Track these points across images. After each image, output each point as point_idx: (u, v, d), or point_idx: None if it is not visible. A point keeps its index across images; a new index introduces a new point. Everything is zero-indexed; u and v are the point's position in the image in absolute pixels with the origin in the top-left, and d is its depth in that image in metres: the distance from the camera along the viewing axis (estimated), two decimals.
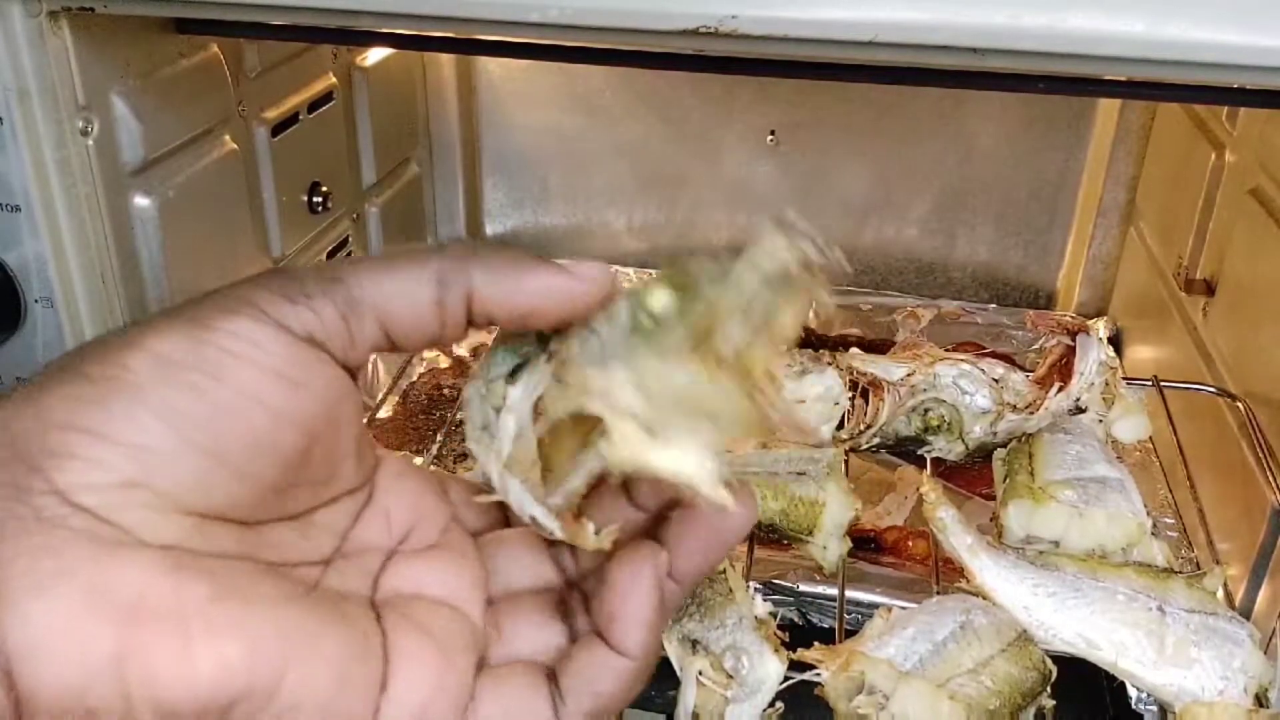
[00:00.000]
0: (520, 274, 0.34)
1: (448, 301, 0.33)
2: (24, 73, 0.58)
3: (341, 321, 0.32)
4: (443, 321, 0.34)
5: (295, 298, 0.32)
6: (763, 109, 1.13)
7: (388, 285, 0.33)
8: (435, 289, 0.33)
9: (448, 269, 0.33)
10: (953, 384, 0.70)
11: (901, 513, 0.86)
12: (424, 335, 0.34)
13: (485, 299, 0.33)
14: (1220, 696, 0.55)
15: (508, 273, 0.33)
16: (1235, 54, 0.46)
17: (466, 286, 0.33)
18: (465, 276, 0.33)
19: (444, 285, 0.33)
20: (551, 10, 0.51)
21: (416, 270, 0.33)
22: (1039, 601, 0.58)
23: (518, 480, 0.35)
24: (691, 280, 0.35)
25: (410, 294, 0.33)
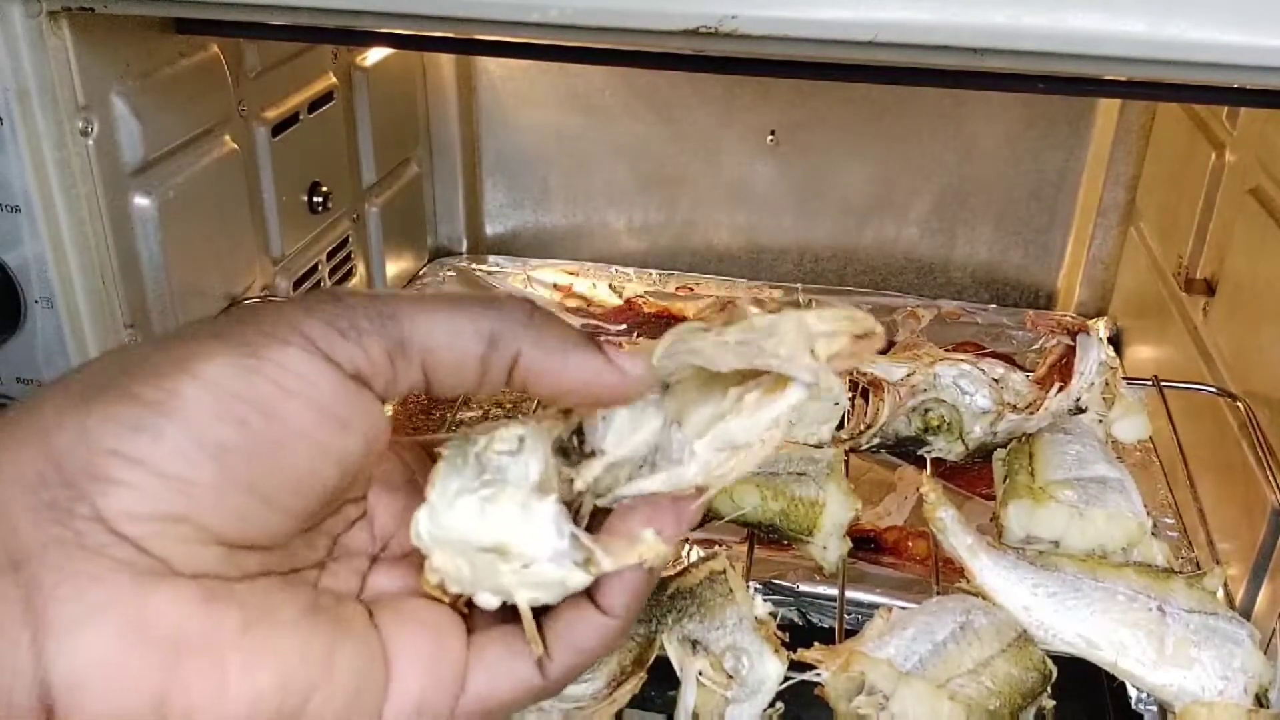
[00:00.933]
0: (567, 356, 0.34)
1: (493, 361, 0.33)
2: (24, 73, 0.58)
3: (387, 360, 0.32)
4: (483, 378, 0.34)
5: (346, 331, 0.31)
6: (763, 109, 1.13)
7: (439, 333, 0.32)
8: (484, 346, 0.33)
9: (501, 330, 0.33)
10: (953, 384, 0.70)
11: (901, 513, 0.86)
12: (461, 386, 0.34)
13: (528, 370, 0.34)
14: (1220, 696, 0.55)
15: (556, 351, 0.33)
16: (1235, 54, 0.46)
17: (515, 353, 0.33)
18: (516, 343, 0.33)
19: (493, 345, 0.33)
20: (551, 10, 0.51)
21: (470, 324, 0.33)
22: (1039, 602, 0.58)
23: (552, 500, 0.35)
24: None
25: (459, 346, 0.33)
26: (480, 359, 0.33)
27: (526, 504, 0.34)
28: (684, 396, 0.37)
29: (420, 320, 0.32)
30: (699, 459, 0.36)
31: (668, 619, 0.56)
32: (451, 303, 0.33)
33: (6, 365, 0.66)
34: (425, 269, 1.22)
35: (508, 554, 0.34)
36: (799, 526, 0.64)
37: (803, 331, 0.35)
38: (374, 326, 0.32)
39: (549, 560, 0.34)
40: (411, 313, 0.32)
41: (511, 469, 0.35)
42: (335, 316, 0.31)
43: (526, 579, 0.34)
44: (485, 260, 1.24)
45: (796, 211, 1.17)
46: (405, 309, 0.32)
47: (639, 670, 0.55)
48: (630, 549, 0.35)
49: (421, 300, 0.33)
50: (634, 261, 1.23)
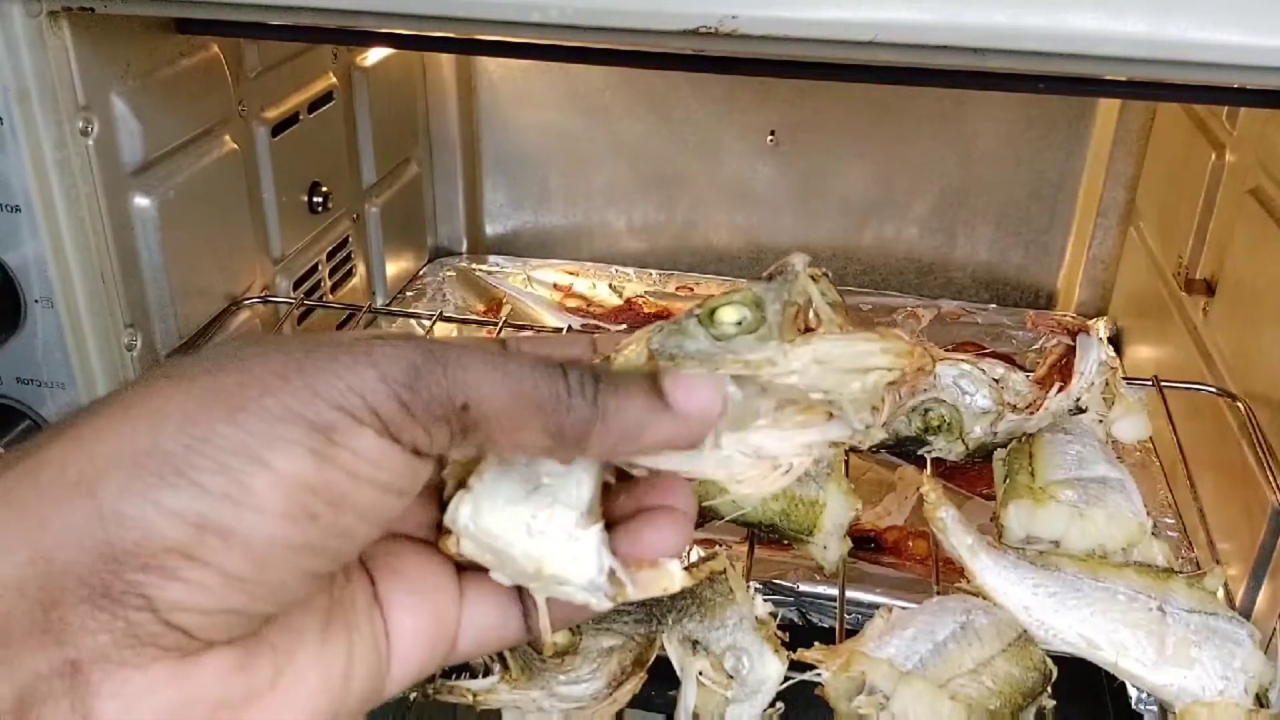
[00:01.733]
0: (640, 433, 0.33)
1: (557, 455, 0.33)
2: (24, 73, 0.58)
3: (448, 442, 0.31)
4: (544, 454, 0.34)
5: (416, 413, 0.30)
6: (763, 109, 1.13)
7: (507, 426, 0.31)
8: (550, 443, 0.32)
9: (569, 433, 0.32)
10: (953, 384, 0.70)
11: (901, 513, 0.86)
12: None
13: (596, 456, 0.34)
14: (1221, 696, 0.55)
15: (628, 434, 0.33)
16: (1235, 54, 0.46)
17: (583, 449, 0.33)
18: (585, 442, 0.32)
19: (559, 442, 0.32)
20: (551, 10, 0.51)
21: (539, 422, 0.31)
22: (1039, 601, 0.58)
23: (599, 529, 0.35)
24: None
25: (525, 440, 0.32)
26: (546, 451, 0.33)
27: (573, 533, 0.34)
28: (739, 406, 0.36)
29: (492, 411, 0.31)
30: (722, 454, 0.36)
31: (668, 619, 0.56)
32: (528, 388, 0.31)
33: (6, 365, 0.66)
34: (425, 269, 1.22)
35: (542, 574, 0.34)
36: (799, 526, 0.64)
37: (866, 382, 0.34)
38: (445, 410, 0.30)
39: (580, 588, 0.34)
40: (488, 399, 0.31)
41: (563, 487, 0.35)
42: (408, 393, 0.30)
43: (550, 589, 0.35)
44: (485, 260, 1.24)
45: (796, 211, 1.17)
46: (480, 396, 0.31)
47: (639, 670, 0.55)
48: (657, 582, 0.35)
49: (499, 384, 0.31)
50: (634, 261, 1.22)
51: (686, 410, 0.33)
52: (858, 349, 0.35)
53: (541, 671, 0.54)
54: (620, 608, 0.56)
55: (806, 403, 0.35)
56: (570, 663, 0.54)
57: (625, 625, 0.56)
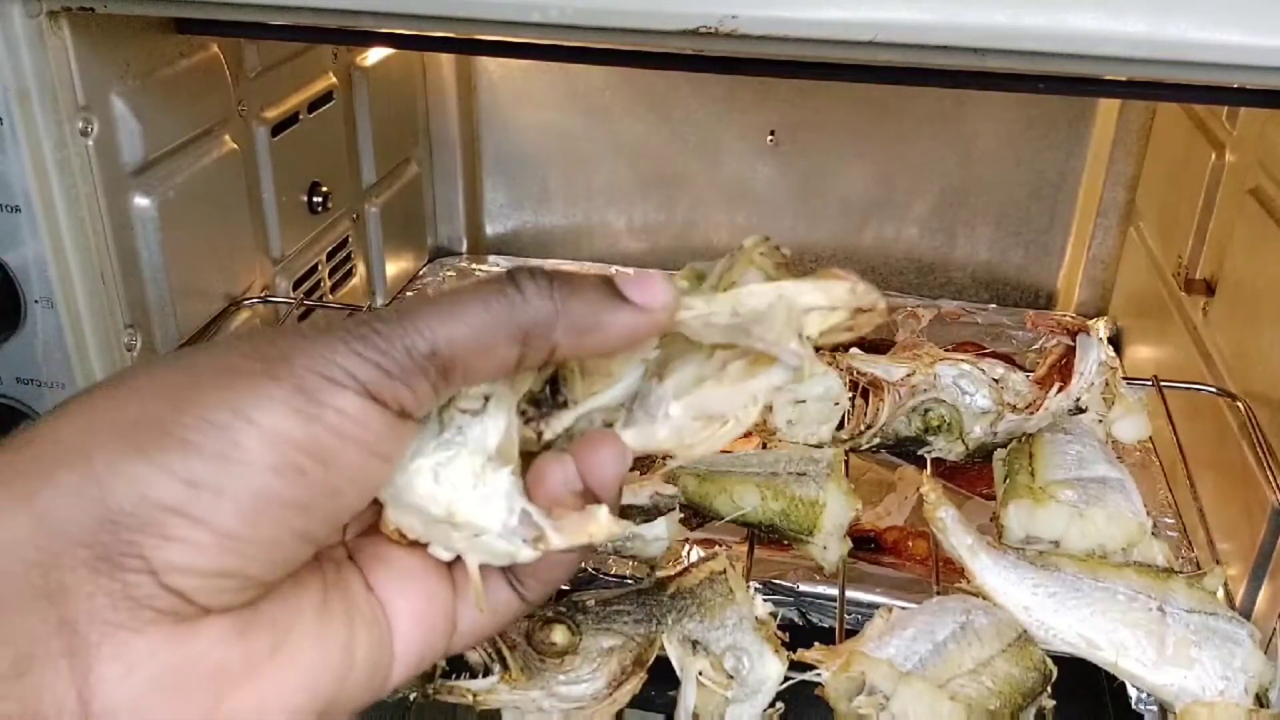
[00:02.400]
0: (601, 323, 0.33)
1: (529, 357, 0.33)
2: (24, 73, 0.58)
3: (432, 391, 0.32)
4: (520, 370, 0.34)
5: (393, 372, 0.31)
6: (763, 109, 1.13)
7: (477, 353, 0.32)
8: (519, 350, 0.33)
9: (534, 331, 0.33)
10: (953, 384, 0.70)
11: (901, 513, 0.86)
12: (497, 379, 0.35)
13: (567, 354, 0.34)
14: (1221, 696, 0.55)
15: (590, 323, 0.33)
16: (1235, 54, 0.46)
17: (550, 346, 0.33)
18: (550, 336, 0.33)
19: (527, 344, 0.33)
20: (551, 10, 0.51)
21: (504, 333, 0.32)
22: (1039, 602, 0.58)
23: (508, 471, 0.35)
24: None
25: (496, 357, 0.33)
26: (518, 360, 0.33)
27: (481, 474, 0.34)
28: (668, 348, 0.37)
29: (459, 345, 0.32)
30: (672, 422, 0.36)
31: (668, 619, 0.56)
32: (480, 313, 0.32)
33: (6, 365, 0.66)
34: (425, 269, 1.22)
35: (457, 523, 0.34)
36: (799, 526, 0.64)
37: (792, 314, 0.34)
38: (417, 363, 0.31)
39: (498, 535, 0.34)
40: (448, 337, 0.32)
41: (472, 430, 0.35)
42: (380, 356, 0.31)
43: (476, 546, 0.35)
44: (485, 260, 1.24)
45: (796, 211, 1.17)
46: (441, 336, 0.32)
47: (639, 670, 0.55)
48: (582, 527, 0.35)
49: (453, 318, 0.32)
50: (634, 261, 1.22)
51: (644, 301, 0.34)
52: (787, 289, 0.35)
53: (541, 672, 0.54)
54: (620, 608, 0.57)
55: (751, 355, 0.36)
56: (570, 663, 0.54)
57: (625, 625, 0.56)
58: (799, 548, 0.66)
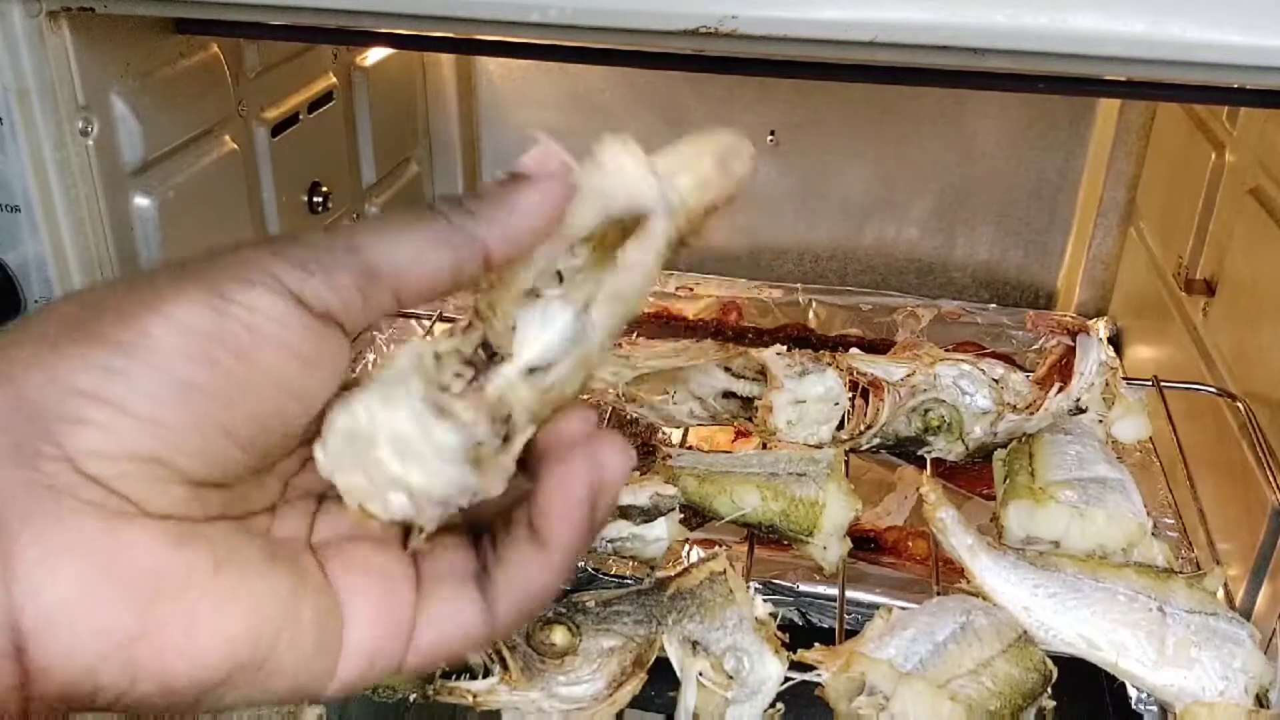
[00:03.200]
0: (512, 208, 0.34)
1: (463, 264, 0.33)
2: (24, 73, 0.58)
3: (358, 293, 0.32)
4: (456, 284, 0.34)
5: (314, 270, 0.31)
6: (763, 109, 1.13)
7: (405, 255, 0.32)
8: (450, 254, 0.33)
9: (460, 235, 0.33)
10: (953, 384, 0.70)
11: (901, 513, 0.86)
12: (436, 297, 0.34)
13: (496, 252, 0.34)
14: (1221, 697, 0.55)
15: (503, 213, 0.34)
16: (1235, 54, 0.46)
17: (481, 247, 0.33)
18: (478, 238, 0.33)
19: (457, 249, 0.33)
20: (551, 10, 0.51)
21: (432, 239, 0.33)
22: (1039, 602, 0.58)
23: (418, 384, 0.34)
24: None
25: (428, 262, 0.33)
26: (450, 269, 0.33)
27: (389, 396, 0.33)
28: (585, 284, 0.36)
29: (383, 248, 0.32)
30: (598, 326, 0.36)
31: (668, 619, 0.56)
32: (407, 222, 0.33)
33: None
34: None
35: (384, 443, 0.33)
36: (799, 527, 0.64)
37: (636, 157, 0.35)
38: (339, 261, 0.31)
39: (434, 456, 0.33)
40: (373, 241, 0.32)
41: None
42: (303, 257, 0.31)
43: (417, 480, 0.33)
44: None
45: (797, 211, 1.17)
46: (369, 240, 0.32)
47: (639, 671, 0.55)
48: (492, 401, 0.34)
49: (377, 226, 0.33)
50: None
51: (539, 169, 0.36)
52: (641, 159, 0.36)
53: (541, 673, 0.54)
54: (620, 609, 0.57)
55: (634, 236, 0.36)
56: (570, 664, 0.54)
57: (625, 626, 0.56)
58: (799, 548, 0.66)
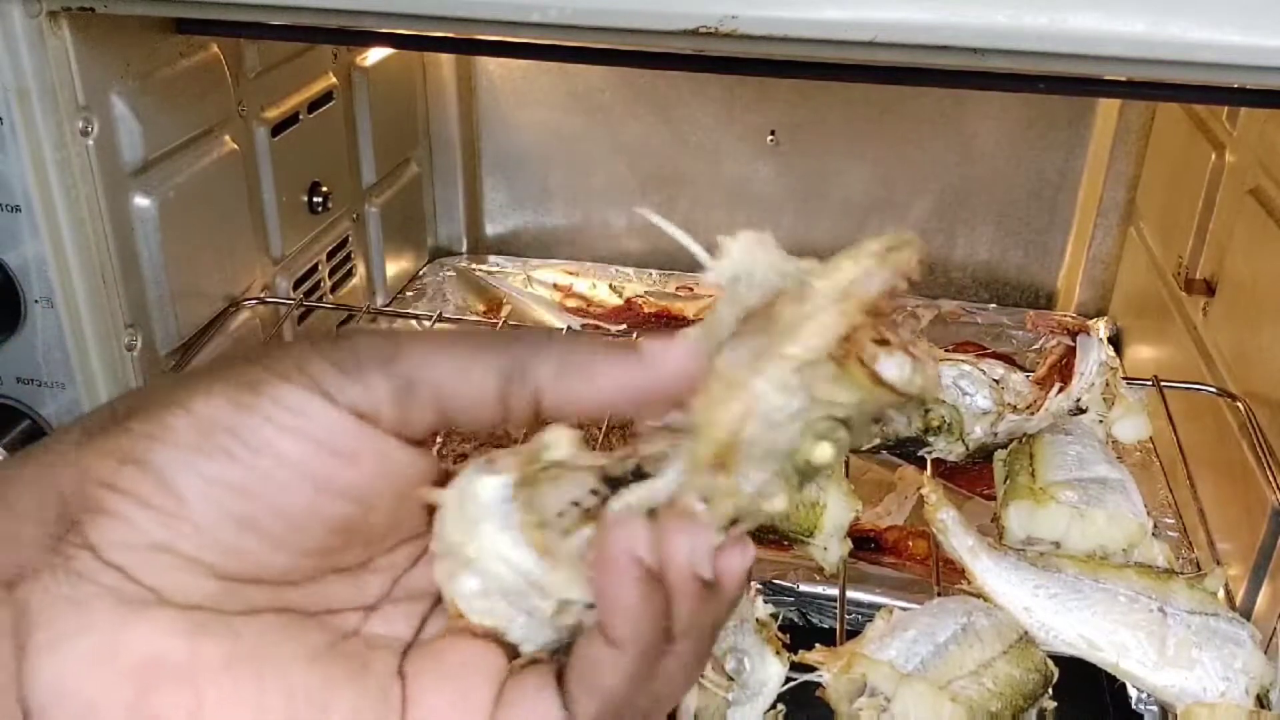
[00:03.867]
0: (593, 374, 0.32)
1: (512, 396, 0.31)
2: (24, 73, 0.58)
3: (393, 399, 0.31)
4: (506, 415, 0.32)
5: (349, 370, 0.30)
6: (763, 109, 1.13)
7: (446, 370, 0.31)
8: (498, 382, 0.31)
9: (515, 364, 0.31)
10: (953, 385, 0.70)
11: (902, 513, 0.85)
12: (486, 424, 0.32)
13: (554, 398, 0.32)
14: (1221, 697, 0.55)
15: (579, 373, 0.32)
16: (1235, 54, 0.46)
17: (535, 384, 0.31)
18: (533, 374, 0.31)
19: (508, 380, 0.31)
20: (551, 10, 0.51)
21: (481, 360, 0.31)
22: (1040, 603, 0.58)
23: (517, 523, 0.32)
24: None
25: (472, 383, 0.31)
26: (497, 395, 0.31)
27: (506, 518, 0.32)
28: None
29: (426, 358, 0.31)
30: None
31: None
32: (463, 339, 0.32)
33: (6, 365, 0.66)
34: (425, 269, 1.22)
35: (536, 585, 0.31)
36: (800, 528, 0.64)
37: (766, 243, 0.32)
38: (378, 365, 0.31)
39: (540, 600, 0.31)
40: (416, 350, 0.31)
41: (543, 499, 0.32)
42: (342, 359, 0.30)
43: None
44: (485, 260, 1.24)
45: (796, 211, 1.17)
46: (410, 347, 0.31)
47: None
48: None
49: (431, 337, 0.31)
50: (634, 261, 1.22)
51: (653, 357, 0.32)
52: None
53: None
54: None
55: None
56: None
57: None
58: (799, 548, 0.66)
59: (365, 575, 0.34)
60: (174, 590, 0.29)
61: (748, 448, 0.30)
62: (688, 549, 0.30)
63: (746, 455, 0.30)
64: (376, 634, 0.33)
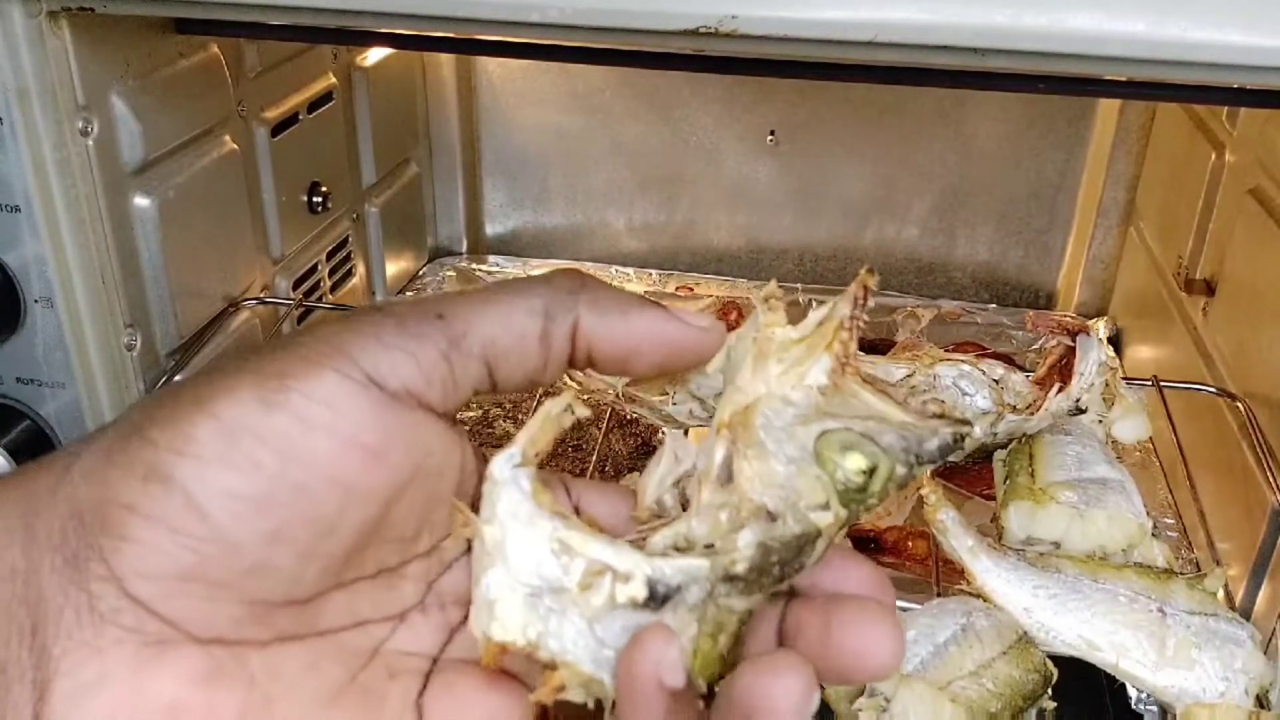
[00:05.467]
0: (628, 312, 0.32)
1: (553, 335, 0.31)
2: (24, 73, 0.58)
3: (444, 361, 0.30)
4: (546, 357, 0.32)
5: (391, 342, 0.29)
6: (763, 109, 1.13)
7: (493, 318, 0.31)
8: (541, 321, 0.31)
9: (555, 301, 0.31)
10: (953, 385, 0.70)
11: (901, 513, 0.85)
12: (527, 372, 0.32)
13: (590, 334, 0.32)
14: (1221, 698, 0.55)
15: (615, 309, 0.32)
16: (1235, 54, 0.46)
17: (573, 319, 0.32)
18: (573, 310, 0.32)
19: (550, 318, 0.31)
20: (551, 10, 0.51)
21: (523, 302, 0.31)
22: (1040, 603, 0.58)
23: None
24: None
25: (516, 327, 0.31)
26: (540, 337, 0.31)
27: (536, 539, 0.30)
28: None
29: (471, 311, 0.30)
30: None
31: None
32: (501, 288, 0.32)
33: (6, 365, 0.66)
34: (425, 269, 1.22)
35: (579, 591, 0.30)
36: None
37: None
38: (423, 328, 0.30)
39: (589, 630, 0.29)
40: (460, 306, 0.31)
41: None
42: (380, 328, 0.29)
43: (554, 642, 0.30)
44: (485, 260, 1.24)
45: (796, 211, 1.17)
46: (453, 304, 0.31)
47: None
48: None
49: (467, 293, 0.31)
50: (634, 261, 1.22)
51: (678, 313, 0.33)
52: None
53: None
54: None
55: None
56: None
57: None
58: None
59: (397, 582, 0.32)
60: (197, 622, 0.28)
61: (761, 432, 0.31)
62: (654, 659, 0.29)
63: (762, 441, 0.31)
64: (401, 651, 0.32)
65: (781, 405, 0.31)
